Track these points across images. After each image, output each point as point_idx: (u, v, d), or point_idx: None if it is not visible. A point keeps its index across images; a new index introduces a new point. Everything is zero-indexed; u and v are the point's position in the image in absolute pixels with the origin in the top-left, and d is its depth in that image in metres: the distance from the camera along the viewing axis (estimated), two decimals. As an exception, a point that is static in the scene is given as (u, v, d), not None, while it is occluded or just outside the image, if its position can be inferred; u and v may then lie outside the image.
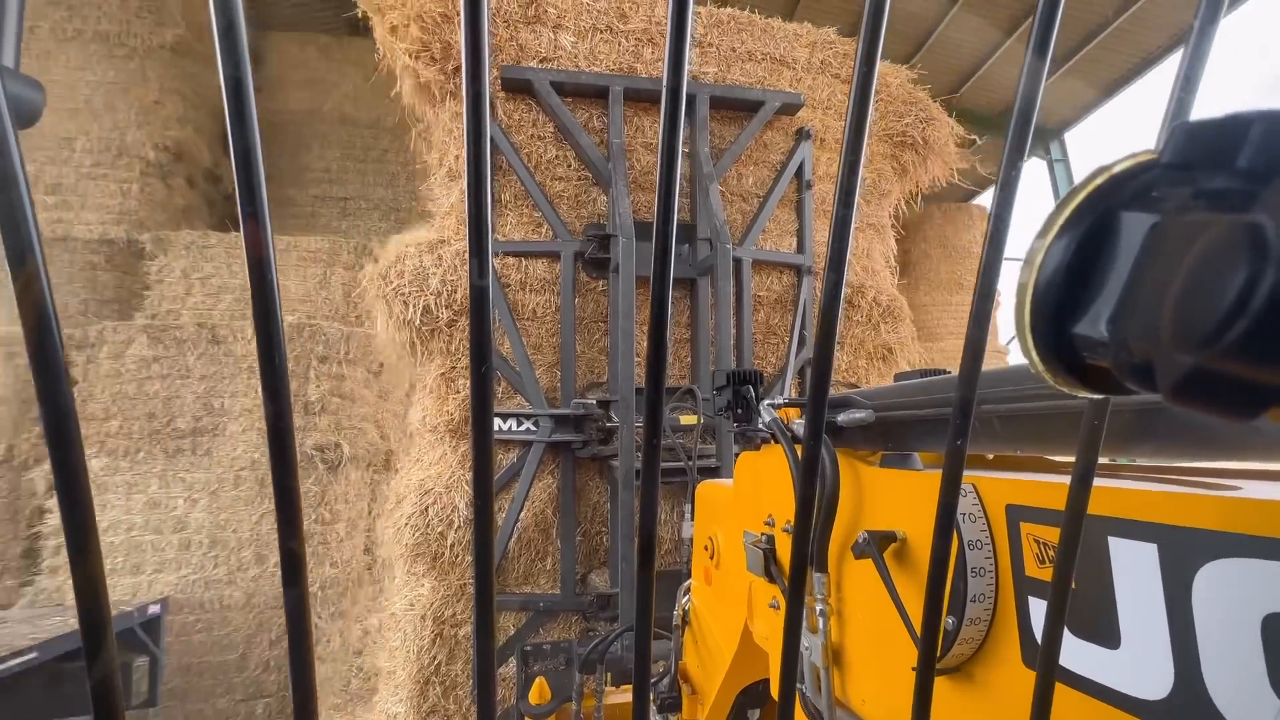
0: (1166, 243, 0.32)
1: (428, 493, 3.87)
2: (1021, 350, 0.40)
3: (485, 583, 0.51)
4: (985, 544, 0.87)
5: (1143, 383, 0.32)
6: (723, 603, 1.98)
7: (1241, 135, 0.31)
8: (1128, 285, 0.34)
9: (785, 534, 1.41)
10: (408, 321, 3.83)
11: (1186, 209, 0.32)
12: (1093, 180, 0.37)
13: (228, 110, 0.40)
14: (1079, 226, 0.36)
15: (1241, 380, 0.27)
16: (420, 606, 4.01)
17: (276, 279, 0.43)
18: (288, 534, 0.46)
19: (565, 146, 4.47)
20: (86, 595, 0.42)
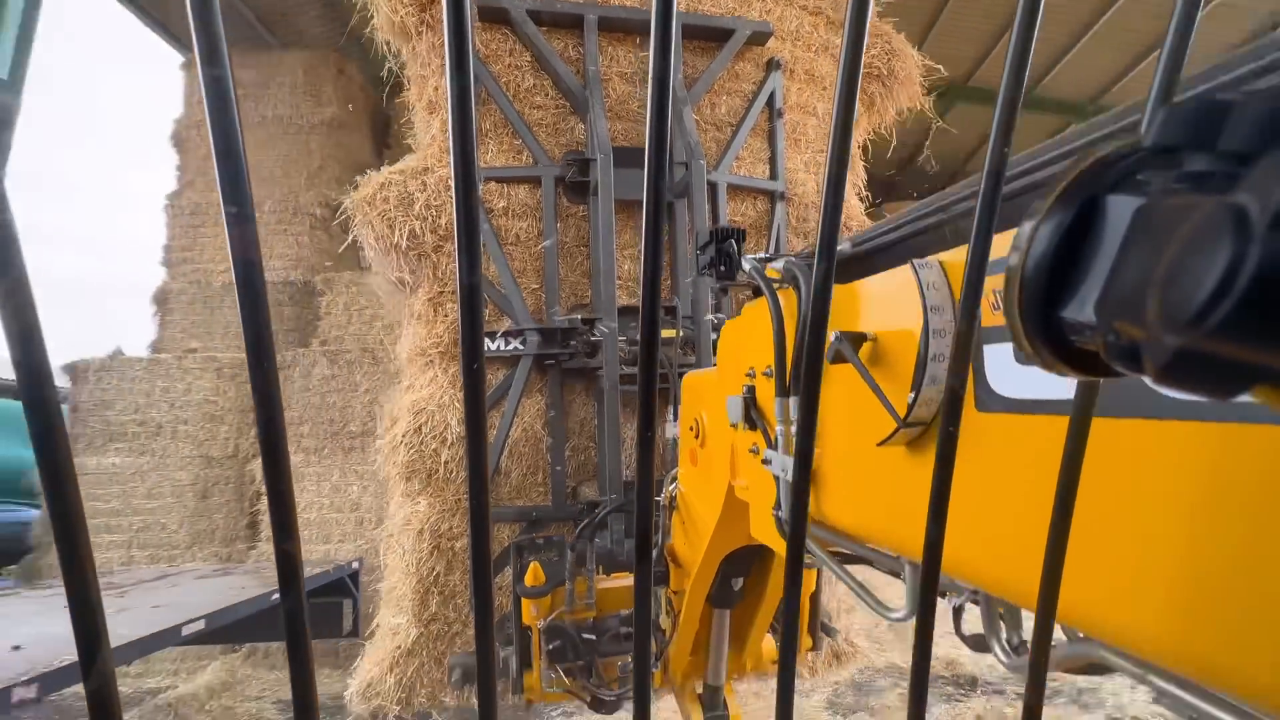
0: (1152, 225, 0.32)
1: (420, 412, 3.87)
2: (1010, 333, 0.39)
3: (483, 584, 0.49)
4: (946, 308, 0.90)
5: (1130, 365, 0.32)
6: (707, 479, 2.01)
7: (1223, 117, 0.31)
8: (1114, 268, 0.33)
9: (766, 378, 1.41)
10: (394, 245, 3.84)
11: (1171, 192, 0.32)
12: (1079, 164, 0.37)
13: (208, 109, 0.39)
14: (1066, 211, 0.36)
15: (1226, 360, 0.27)
16: (417, 522, 4.06)
17: (264, 281, 0.42)
18: (283, 536, 0.45)
19: (542, 75, 4.37)
20: (82, 609, 0.40)
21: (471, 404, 0.47)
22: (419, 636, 4.25)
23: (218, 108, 0.39)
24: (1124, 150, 0.36)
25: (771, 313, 1.27)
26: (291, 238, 9.99)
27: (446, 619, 4.26)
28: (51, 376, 0.40)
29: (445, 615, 4.25)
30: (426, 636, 4.27)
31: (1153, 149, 0.35)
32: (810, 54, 4.88)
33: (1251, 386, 0.28)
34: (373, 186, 3.95)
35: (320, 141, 10.29)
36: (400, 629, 4.31)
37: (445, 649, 4.30)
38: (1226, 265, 0.25)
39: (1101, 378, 0.40)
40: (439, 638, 4.29)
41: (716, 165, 4.42)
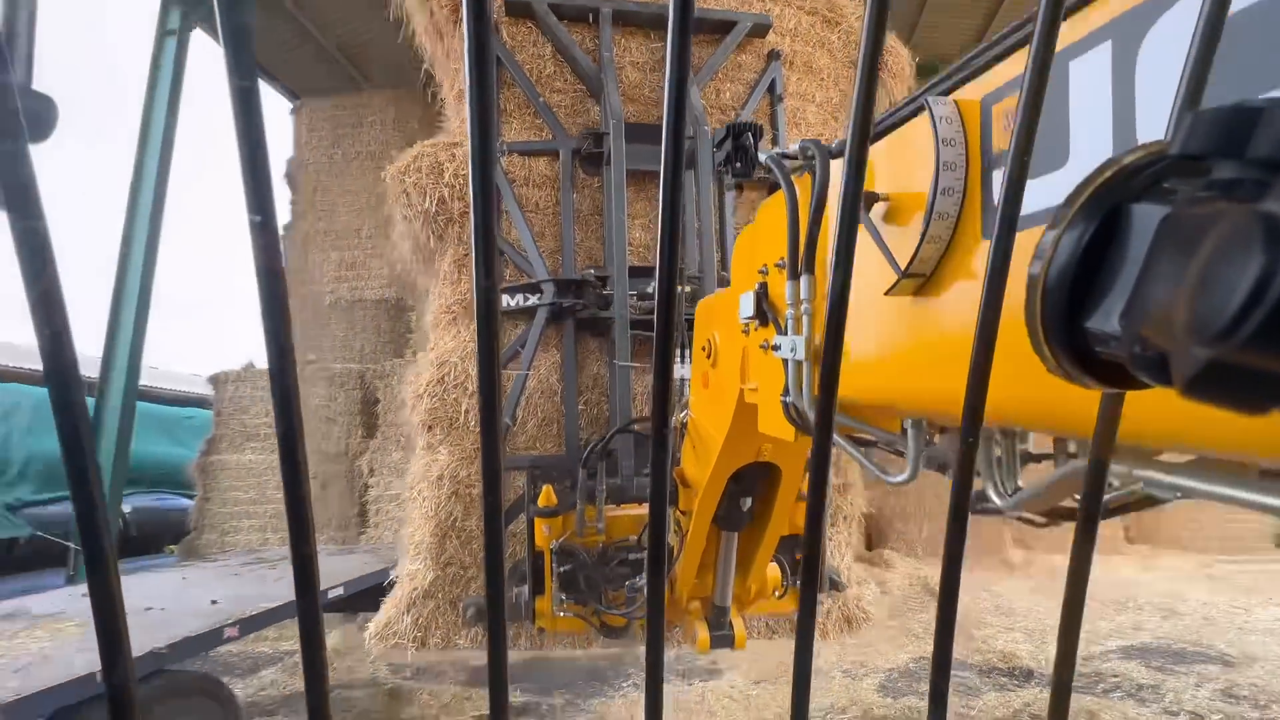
0: (1179, 235, 0.30)
1: (444, 364, 3.99)
2: (1033, 344, 0.37)
3: (496, 595, 0.45)
4: (958, 142, 0.88)
5: (1156, 376, 0.30)
6: (718, 396, 1.99)
7: (1252, 124, 0.29)
8: (1140, 278, 0.31)
9: (778, 270, 1.38)
10: (424, 211, 3.96)
11: (1199, 200, 0.30)
12: (1103, 173, 0.35)
13: (235, 120, 0.38)
14: (1089, 220, 0.34)
15: (1258, 372, 0.25)
16: (437, 469, 4.14)
17: (286, 290, 0.40)
18: (300, 540, 0.43)
19: (562, 63, 4.53)
20: (104, 610, 0.39)
21: (486, 410, 0.44)
22: (435, 579, 4.30)
23: (245, 119, 0.38)
24: (1149, 158, 0.34)
25: (786, 197, 1.28)
26: (383, 259, 10.22)
27: (463, 563, 4.31)
28: (80, 379, 0.39)
29: (461, 559, 4.30)
30: (443, 579, 4.32)
31: (1179, 156, 0.32)
32: (809, 48, 5.01)
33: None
34: (408, 159, 4.09)
35: (406, 174, 10.96)
36: (417, 573, 4.36)
37: (461, 592, 4.35)
38: (1258, 275, 0.24)
39: (1128, 390, 0.37)
40: (455, 581, 4.34)
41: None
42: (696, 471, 2.35)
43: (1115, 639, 6.88)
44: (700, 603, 2.75)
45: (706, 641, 2.61)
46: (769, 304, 1.46)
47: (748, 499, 2.29)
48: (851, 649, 6.45)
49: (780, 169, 1.34)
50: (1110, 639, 6.87)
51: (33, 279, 0.36)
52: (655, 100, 4.60)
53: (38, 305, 0.37)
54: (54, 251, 0.37)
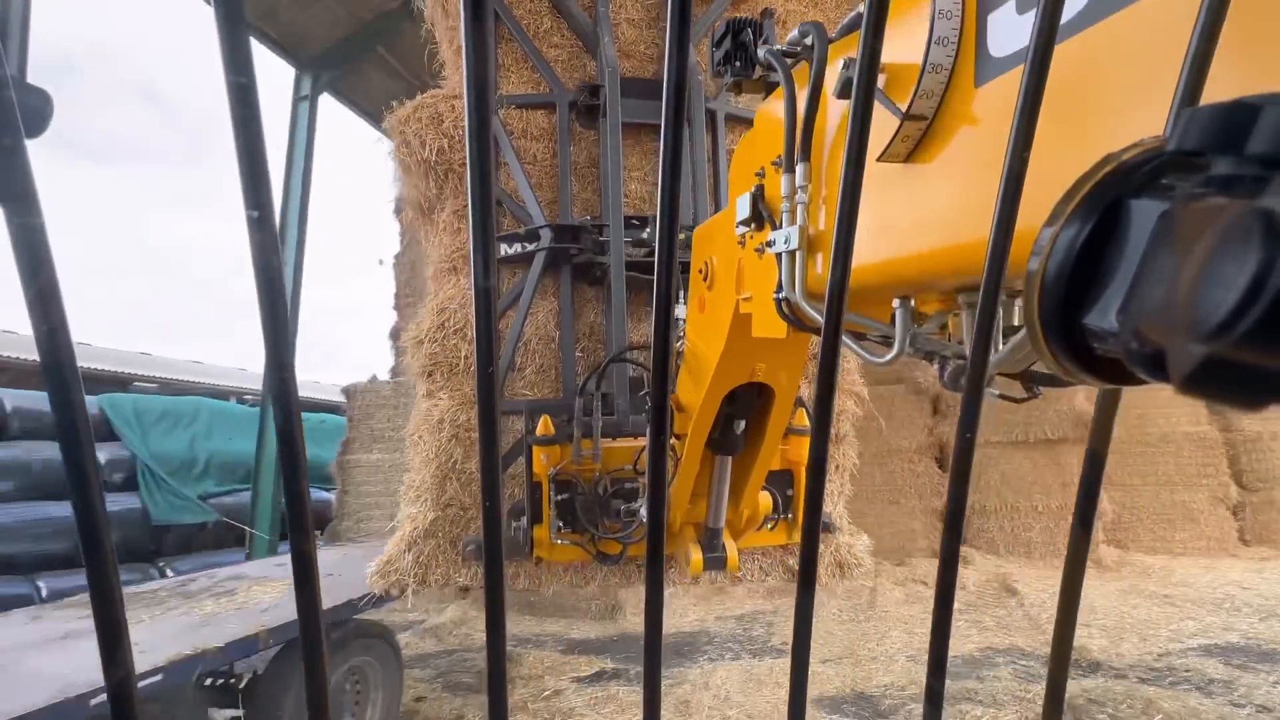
0: (1177, 231, 0.29)
1: (443, 310, 3.95)
2: (1030, 340, 0.36)
3: (496, 599, 0.46)
4: (955, 8, 0.85)
5: (1153, 373, 0.29)
6: (713, 316, 1.97)
7: (1250, 121, 0.28)
8: (1138, 274, 0.31)
9: (775, 168, 1.35)
10: (424, 160, 3.86)
11: (1197, 196, 0.29)
12: (1101, 169, 0.34)
13: (232, 116, 0.36)
14: (1088, 216, 0.33)
15: (1255, 368, 0.24)
16: (438, 413, 4.14)
17: (284, 284, 0.39)
18: (299, 537, 0.42)
19: (559, 18, 4.43)
20: (104, 606, 0.38)
21: (485, 405, 0.43)
22: (436, 519, 4.29)
23: (242, 114, 0.37)
24: (1147, 154, 0.33)
25: (784, 91, 1.25)
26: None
27: (463, 504, 4.30)
28: (78, 376, 0.37)
29: (461, 500, 4.29)
30: (443, 519, 4.31)
31: (1177, 152, 0.32)
32: (802, 8, 4.88)
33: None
34: (408, 109, 3.98)
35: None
36: (418, 515, 4.36)
37: (461, 531, 4.36)
38: (1256, 271, 0.23)
39: (1124, 386, 0.36)
40: (455, 521, 4.33)
41: (716, 96, 4.45)
42: (691, 396, 2.33)
43: (1199, 638, 6.62)
44: (694, 528, 2.76)
45: (700, 563, 2.63)
46: (764, 203, 1.43)
47: (741, 422, 2.27)
48: (919, 638, 6.83)
49: (780, 64, 1.30)
50: (1194, 638, 6.62)
51: (30, 275, 0.35)
52: (650, 56, 4.48)
53: (35, 302, 0.35)
54: (50, 248, 0.36)
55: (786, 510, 3.04)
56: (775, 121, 1.37)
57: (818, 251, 1.26)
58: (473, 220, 0.40)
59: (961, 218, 0.90)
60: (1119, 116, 0.70)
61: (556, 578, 4.34)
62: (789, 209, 1.27)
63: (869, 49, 0.52)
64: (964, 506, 0.56)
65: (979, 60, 0.87)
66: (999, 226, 0.51)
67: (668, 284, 0.47)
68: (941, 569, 0.56)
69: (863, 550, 4.66)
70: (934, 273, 0.96)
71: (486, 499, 0.45)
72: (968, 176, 0.90)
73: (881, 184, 1.06)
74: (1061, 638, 0.63)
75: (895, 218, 1.04)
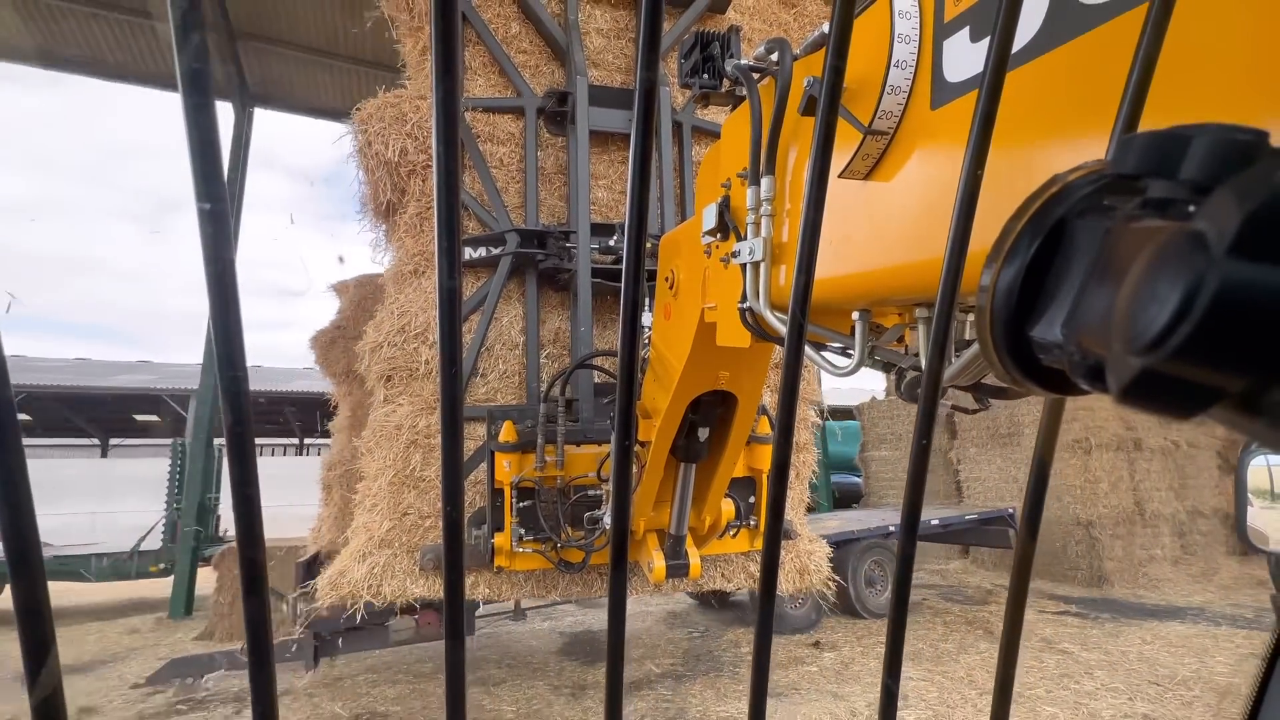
0: (1116, 249, 0.31)
1: (404, 314, 3.87)
2: (982, 351, 0.38)
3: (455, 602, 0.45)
4: (912, 14, 0.89)
5: (1094, 383, 0.31)
6: (679, 323, 1.99)
7: (1183, 148, 0.30)
8: (1080, 290, 0.32)
9: (740, 180, 1.36)
10: (386, 160, 3.79)
11: (1135, 217, 0.31)
12: (1048, 189, 0.35)
13: (184, 106, 0.35)
14: (1035, 234, 0.35)
15: (1187, 382, 0.25)
16: (397, 418, 4.06)
17: (236, 279, 0.38)
18: (248, 543, 0.41)
19: (527, 23, 4.39)
20: (30, 617, 0.36)
21: (448, 408, 0.43)
22: (392, 528, 4.19)
23: (194, 102, 0.35)
24: (1090, 176, 0.34)
25: (750, 105, 1.27)
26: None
27: (420, 512, 4.20)
28: (5, 370, 0.36)
29: (419, 509, 4.19)
30: (400, 528, 4.21)
31: (1117, 175, 0.33)
32: (766, 26, 4.98)
33: (1210, 406, 0.26)
34: (371, 107, 3.91)
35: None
36: (372, 524, 4.24)
37: (418, 541, 4.26)
38: (1186, 289, 0.24)
39: (1068, 396, 0.38)
40: (412, 530, 4.24)
41: (683, 109, 4.50)
42: (656, 403, 2.34)
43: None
44: (657, 535, 2.76)
45: (663, 570, 2.63)
46: (730, 215, 1.45)
47: (705, 429, 2.29)
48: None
49: (746, 78, 1.32)
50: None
51: None
52: (618, 66, 4.50)
53: None
54: None
55: (749, 517, 3.07)
56: (741, 134, 1.39)
57: (781, 263, 1.28)
58: (438, 217, 0.39)
59: (918, 234, 0.93)
60: (1066, 138, 0.73)
61: (517, 586, 4.29)
62: (754, 221, 1.29)
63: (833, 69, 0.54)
64: (919, 508, 0.57)
65: (935, 84, 0.90)
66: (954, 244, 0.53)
67: (635, 291, 0.47)
68: (899, 567, 0.58)
69: (821, 557, 4.73)
70: (892, 288, 0.99)
71: (448, 504, 0.44)
72: (924, 194, 0.93)
73: (843, 200, 1.08)
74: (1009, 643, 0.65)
75: (856, 233, 1.07)
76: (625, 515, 0.54)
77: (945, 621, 7.67)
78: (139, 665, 6.69)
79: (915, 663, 6.09)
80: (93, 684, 6.20)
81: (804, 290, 0.59)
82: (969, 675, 5.69)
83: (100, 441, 20.47)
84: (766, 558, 0.58)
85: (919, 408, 0.58)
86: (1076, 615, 7.78)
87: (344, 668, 6.31)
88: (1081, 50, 0.69)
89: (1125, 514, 9.81)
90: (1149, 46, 0.45)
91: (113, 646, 7.65)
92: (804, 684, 5.61)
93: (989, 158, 0.52)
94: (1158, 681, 5.38)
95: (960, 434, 11.80)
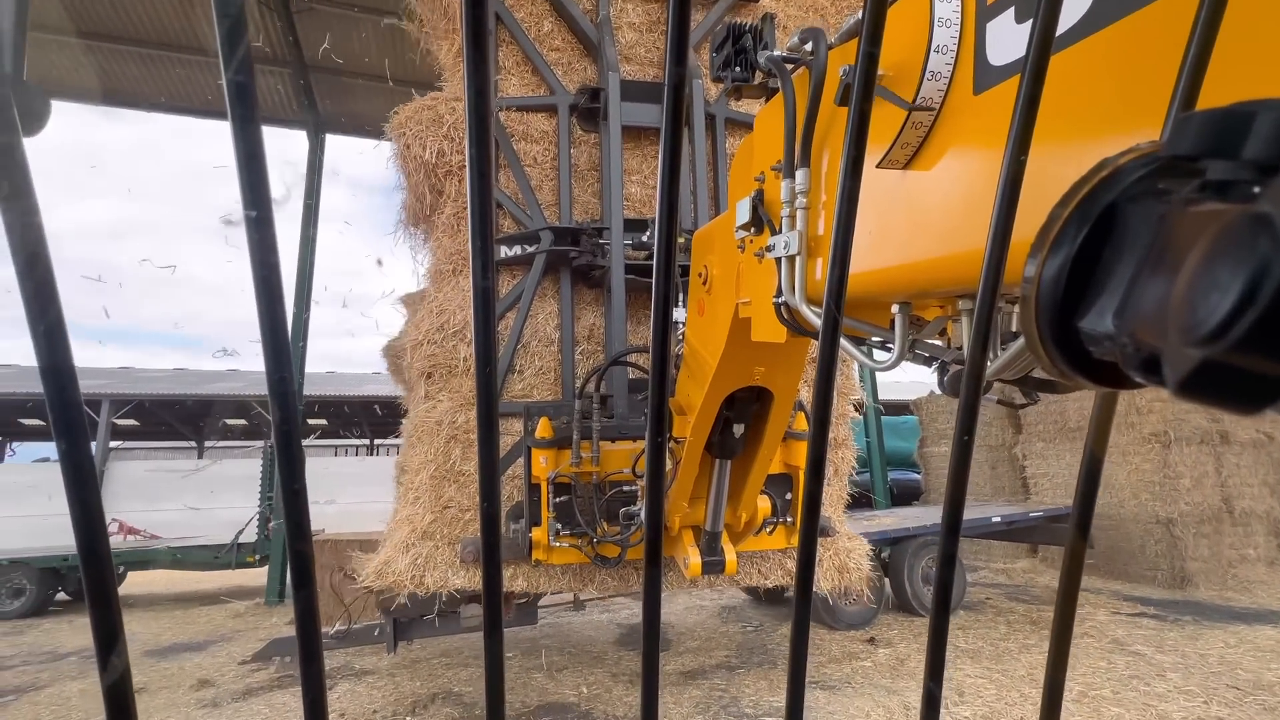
0: (1173, 235, 0.29)
1: (443, 312, 3.95)
2: (1027, 343, 0.36)
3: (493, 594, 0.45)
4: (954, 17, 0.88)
5: (1150, 376, 0.29)
6: (713, 321, 1.98)
7: (1246, 126, 0.28)
8: (1134, 278, 0.30)
9: (774, 173, 1.34)
10: (424, 163, 3.87)
11: (1192, 201, 0.29)
12: (1097, 174, 0.34)
13: (230, 115, 0.36)
14: (1083, 221, 0.33)
15: (1250, 374, 0.24)
16: (437, 414, 4.15)
17: (281, 283, 0.39)
18: (296, 536, 0.42)
19: (559, 21, 4.43)
20: (99, 607, 0.37)
21: (484, 405, 0.43)
22: (433, 521, 4.29)
23: (240, 113, 0.36)
24: (1143, 159, 0.32)
25: (785, 97, 1.25)
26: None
27: (461, 505, 4.29)
28: (75, 374, 0.37)
29: (460, 502, 4.28)
30: (441, 521, 4.30)
31: (1172, 157, 0.31)
32: (801, 13, 4.91)
33: (1277, 399, 0.25)
34: (409, 110, 3.99)
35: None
36: (415, 516, 4.35)
37: (459, 533, 4.35)
38: (1251, 276, 0.23)
39: (1121, 389, 0.37)
40: (453, 522, 4.32)
41: (715, 100, 4.47)
42: (690, 399, 2.32)
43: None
44: (692, 531, 2.76)
45: (698, 567, 2.63)
46: (764, 208, 1.43)
47: (740, 425, 2.27)
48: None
49: (780, 70, 1.30)
50: None
51: (27, 272, 0.34)
52: (650, 60, 4.49)
53: (32, 299, 0.35)
54: (48, 245, 0.35)
55: (785, 514, 3.04)
56: (775, 126, 1.37)
57: (818, 256, 1.26)
58: (472, 219, 0.39)
59: (960, 225, 0.90)
60: (1115, 123, 0.71)
61: (554, 579, 4.34)
62: (789, 214, 1.27)
63: (867, 55, 0.53)
64: (962, 506, 0.56)
65: (977, 68, 0.87)
66: (996, 233, 0.51)
67: (666, 287, 0.47)
68: (940, 568, 0.56)
69: (861, 554, 4.66)
70: (933, 280, 0.97)
71: (485, 500, 0.45)
72: (966, 184, 0.91)
73: (881, 191, 1.06)
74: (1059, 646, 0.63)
75: (895, 224, 1.04)
76: (660, 511, 0.54)
77: (1009, 621, 7.49)
78: (244, 645, 7.34)
79: (974, 660, 6.01)
80: (208, 660, 6.90)
81: (838, 283, 0.58)
82: (1030, 674, 5.60)
83: (197, 444, 21.85)
84: (802, 555, 0.57)
85: (960, 402, 0.57)
86: (1153, 617, 7.42)
87: (420, 651, 6.68)
88: (1133, 29, 0.66)
89: (1211, 512, 9.21)
90: (1208, 20, 0.43)
91: (220, 628, 8.38)
92: (857, 678, 5.63)
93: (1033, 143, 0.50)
94: (1237, 685, 5.14)
95: (1026, 429, 11.27)
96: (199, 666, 6.62)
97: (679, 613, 8.32)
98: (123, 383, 18.22)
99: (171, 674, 6.38)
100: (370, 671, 6.25)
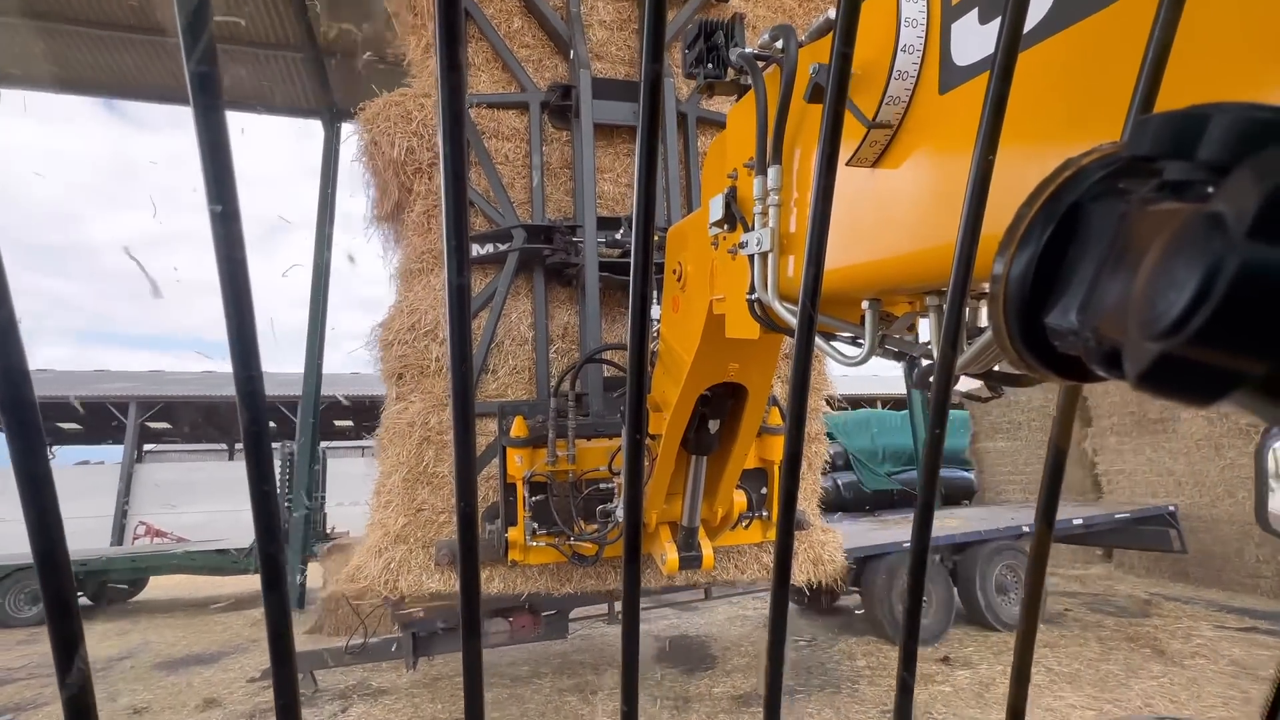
0: (1132, 233, 0.30)
1: (414, 312, 3.90)
2: (995, 338, 0.37)
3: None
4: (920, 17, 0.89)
5: (1111, 370, 0.31)
6: (687, 317, 1.99)
7: (1201, 128, 0.29)
8: (1096, 275, 0.32)
9: (747, 170, 1.35)
10: (393, 160, 3.80)
11: (1151, 200, 0.30)
12: (1061, 173, 0.35)
13: (194, 106, 0.35)
14: (1049, 219, 0.34)
15: (1206, 366, 0.25)
16: (409, 416, 4.09)
17: (249, 280, 0.38)
18: (267, 540, 0.41)
19: (530, 18, 4.40)
20: (58, 615, 0.36)
21: (459, 405, 0.42)
22: (407, 524, 4.23)
23: (204, 105, 0.35)
24: (1104, 159, 0.34)
25: (756, 95, 1.26)
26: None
27: (434, 508, 4.24)
28: (29, 377, 0.35)
29: (434, 504, 4.23)
30: (414, 524, 4.25)
31: (1132, 158, 0.32)
32: (771, 14, 4.94)
33: (1232, 391, 0.26)
34: (376, 106, 3.92)
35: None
36: (388, 520, 4.28)
37: (433, 536, 4.29)
38: (1205, 272, 0.24)
39: (1085, 383, 0.38)
40: (426, 525, 4.27)
41: (687, 99, 4.47)
42: (666, 396, 2.33)
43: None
44: (669, 527, 2.77)
45: (675, 562, 2.64)
46: (737, 205, 1.44)
47: (716, 422, 2.29)
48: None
49: (751, 67, 1.30)
50: None
51: None
52: (622, 58, 4.48)
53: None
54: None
55: (761, 509, 3.07)
56: (747, 124, 1.38)
57: (790, 253, 1.27)
58: (446, 215, 0.39)
59: (927, 221, 0.92)
60: (1077, 124, 0.72)
61: (531, 580, 4.32)
62: (761, 211, 1.28)
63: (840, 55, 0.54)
64: (934, 499, 0.57)
65: (943, 68, 0.89)
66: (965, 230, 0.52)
67: (644, 284, 0.46)
68: (912, 561, 0.57)
69: (835, 547, 4.73)
70: (902, 276, 0.98)
71: (461, 500, 0.44)
72: (933, 181, 0.92)
73: (851, 188, 1.07)
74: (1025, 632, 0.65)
75: (865, 221, 1.05)
76: (639, 508, 0.54)
77: (1099, 637, 6.71)
78: (258, 657, 7.01)
79: (1074, 686, 5.37)
80: (217, 674, 6.57)
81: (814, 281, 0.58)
82: (1147, 705, 4.95)
83: (227, 446, 21.67)
84: (780, 548, 0.57)
85: (932, 397, 0.58)
86: (1268, 633, 6.65)
87: (442, 668, 6.33)
88: (1095, 29, 0.68)
89: (1321, 511, 8.72)
90: (1165, 24, 0.45)
91: (235, 638, 8.07)
92: (938, 705, 5.02)
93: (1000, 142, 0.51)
94: None
95: (1096, 421, 10.31)
96: (207, 683, 6.33)
97: (721, 624, 7.78)
98: (150, 385, 18.14)
99: (178, 691, 6.06)
100: (387, 691, 5.89)
